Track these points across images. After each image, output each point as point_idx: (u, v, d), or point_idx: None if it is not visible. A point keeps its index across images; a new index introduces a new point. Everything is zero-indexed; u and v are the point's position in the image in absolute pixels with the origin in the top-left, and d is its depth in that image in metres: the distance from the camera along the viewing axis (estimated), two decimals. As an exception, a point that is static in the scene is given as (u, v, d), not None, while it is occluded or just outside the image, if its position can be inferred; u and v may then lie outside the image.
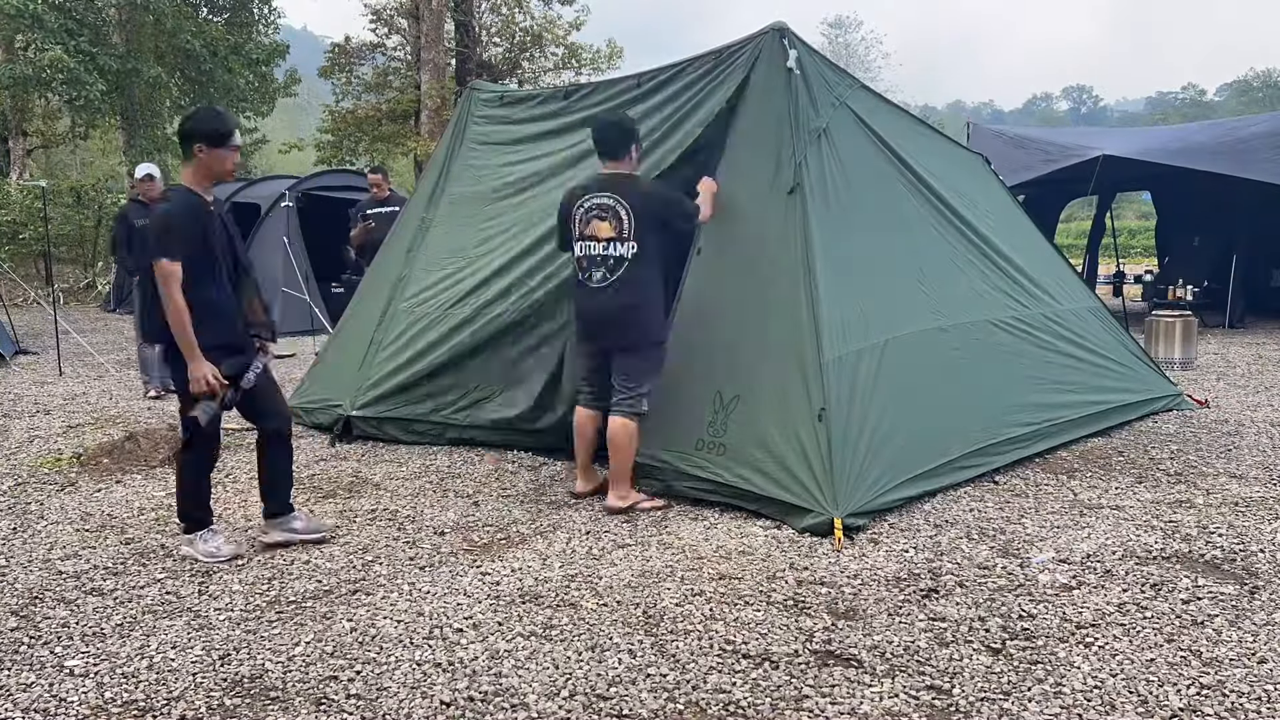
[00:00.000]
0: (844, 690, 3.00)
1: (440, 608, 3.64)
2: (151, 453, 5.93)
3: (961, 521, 4.60)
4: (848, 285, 5.08)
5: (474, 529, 4.60)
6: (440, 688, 3.03)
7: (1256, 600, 3.66)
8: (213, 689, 3.05)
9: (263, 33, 25.19)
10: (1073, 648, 3.27)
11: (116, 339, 12.81)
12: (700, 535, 4.45)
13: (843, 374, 4.77)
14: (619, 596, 3.73)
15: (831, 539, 4.27)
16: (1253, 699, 2.92)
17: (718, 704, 2.92)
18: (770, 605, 3.63)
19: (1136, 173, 14.62)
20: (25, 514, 4.91)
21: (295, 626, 3.50)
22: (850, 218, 5.32)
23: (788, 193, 5.06)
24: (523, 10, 24.10)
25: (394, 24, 24.28)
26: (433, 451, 6.12)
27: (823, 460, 4.51)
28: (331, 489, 5.32)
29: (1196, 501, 4.95)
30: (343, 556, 4.23)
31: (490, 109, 6.75)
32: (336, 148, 23.97)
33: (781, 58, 5.25)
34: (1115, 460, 5.78)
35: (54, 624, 3.55)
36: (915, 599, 3.69)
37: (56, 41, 18.67)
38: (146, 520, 4.78)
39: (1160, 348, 9.76)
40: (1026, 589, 3.78)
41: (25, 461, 6.04)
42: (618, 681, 3.07)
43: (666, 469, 5.01)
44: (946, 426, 5.23)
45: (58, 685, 3.09)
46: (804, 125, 5.20)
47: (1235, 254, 13.22)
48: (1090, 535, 4.40)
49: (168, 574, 4.04)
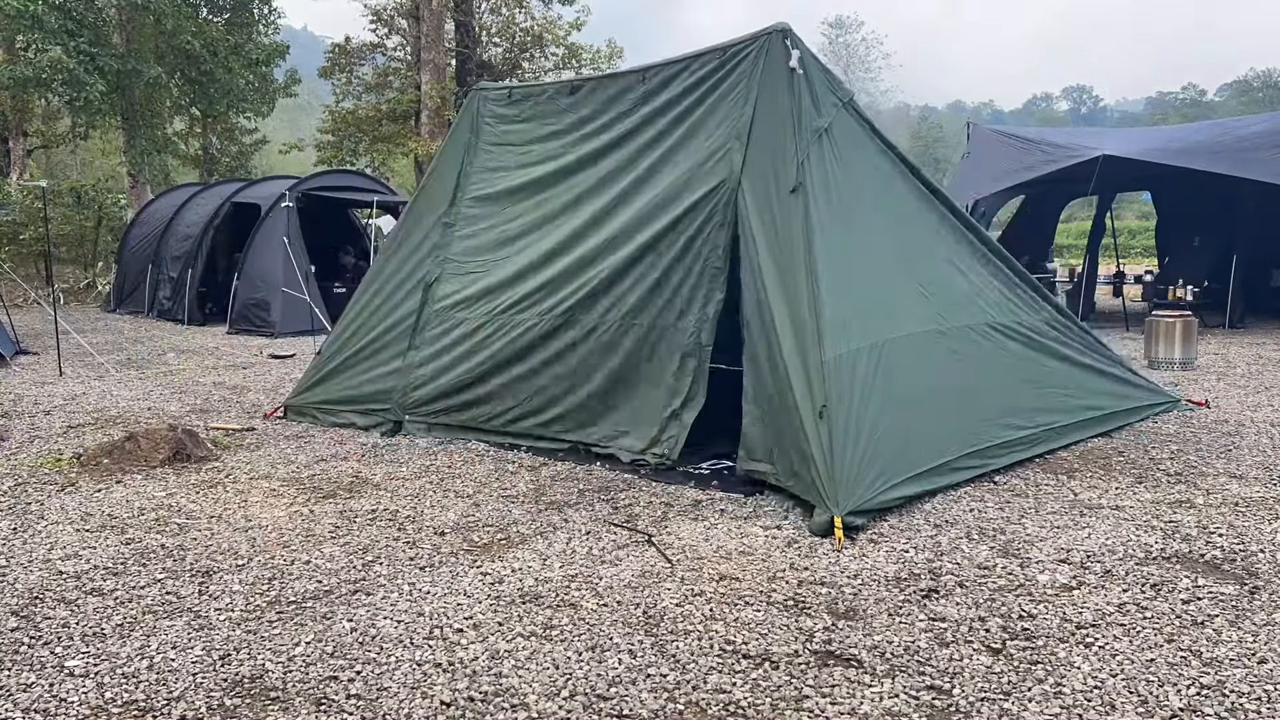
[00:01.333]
0: (844, 690, 3.00)
1: (440, 608, 3.64)
2: (151, 453, 5.93)
3: (961, 521, 4.61)
4: (849, 284, 5.12)
5: (474, 529, 4.60)
6: (440, 688, 3.03)
7: (1256, 600, 3.66)
8: (213, 689, 3.05)
9: (263, 33, 25.20)
10: (1073, 648, 3.27)
11: (116, 339, 12.81)
12: (700, 535, 4.45)
13: (842, 372, 4.80)
14: (619, 596, 3.73)
15: (832, 538, 4.28)
16: (1253, 699, 2.92)
17: (718, 704, 2.92)
18: (770, 605, 3.63)
19: (1136, 173, 14.61)
20: (25, 514, 4.92)
21: (295, 626, 3.50)
22: (852, 217, 5.37)
23: (790, 192, 5.11)
24: (523, 10, 24.12)
25: (394, 24, 24.30)
26: (433, 451, 6.12)
27: (824, 457, 4.53)
28: (331, 489, 5.32)
29: (1196, 501, 4.95)
30: (343, 556, 4.23)
31: (500, 108, 6.76)
32: (337, 148, 23.99)
33: (784, 58, 5.35)
34: (1115, 460, 5.78)
35: (54, 624, 3.55)
36: (915, 599, 3.69)
37: (56, 42, 18.67)
38: (146, 520, 4.78)
39: (1160, 348, 9.76)
40: (1026, 589, 3.78)
41: (25, 461, 6.04)
42: (618, 681, 3.07)
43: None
44: (945, 427, 5.24)
45: (58, 685, 3.09)
46: (806, 125, 5.27)
47: (1235, 254, 13.22)
48: (1090, 535, 4.41)
49: (168, 574, 4.04)
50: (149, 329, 14.14)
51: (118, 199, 21.95)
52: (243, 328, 13.59)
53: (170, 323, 14.76)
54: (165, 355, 11.30)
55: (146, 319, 15.40)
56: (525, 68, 24.47)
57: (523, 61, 24.36)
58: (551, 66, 24.76)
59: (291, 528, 4.64)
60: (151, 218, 17.15)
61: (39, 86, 19.54)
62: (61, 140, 26.55)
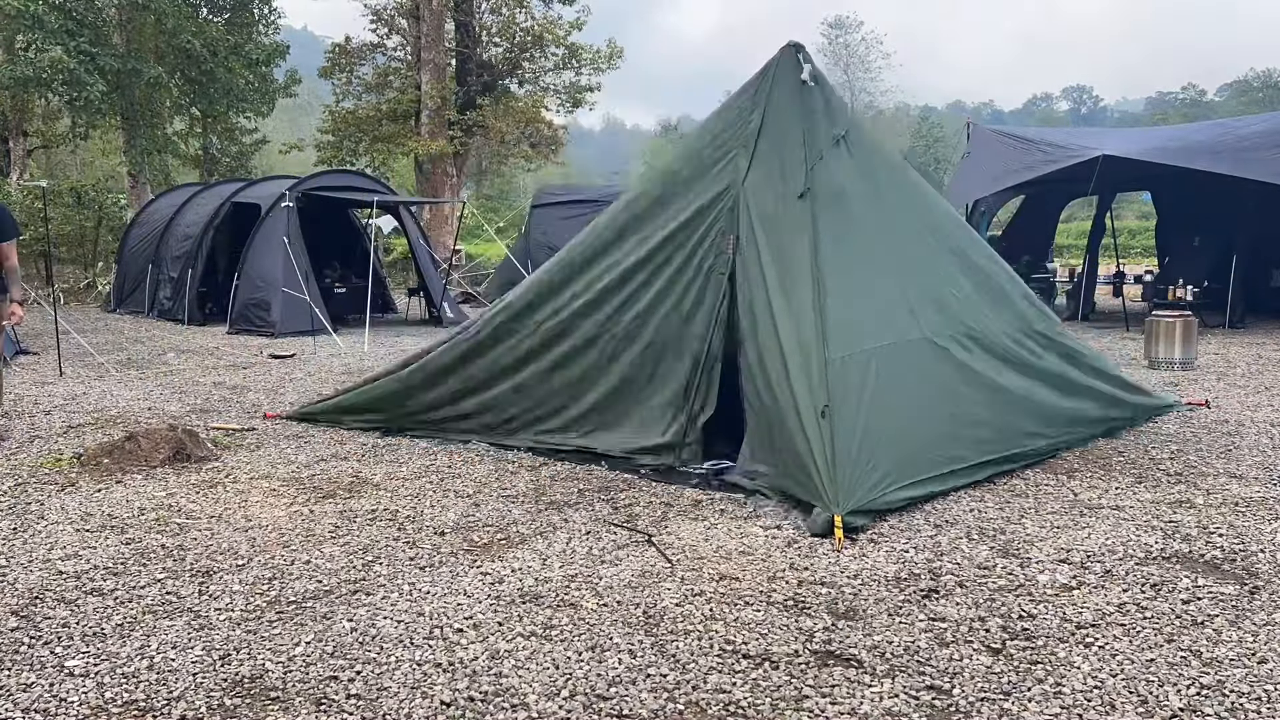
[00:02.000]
0: (844, 690, 3.00)
1: (440, 608, 3.64)
2: (151, 453, 5.93)
3: (961, 521, 4.61)
4: (854, 288, 5.19)
5: (474, 529, 4.60)
6: (440, 688, 3.03)
7: (1256, 600, 3.66)
8: (213, 689, 3.05)
9: (263, 33, 25.19)
10: (1073, 648, 3.27)
11: (116, 339, 12.82)
12: (700, 535, 4.45)
13: (847, 373, 4.82)
14: (619, 596, 3.74)
15: (832, 539, 4.28)
16: (1253, 699, 2.92)
17: (718, 704, 2.92)
18: (770, 605, 3.64)
19: (1136, 173, 14.61)
20: (25, 514, 4.91)
21: (295, 626, 3.50)
22: (860, 223, 5.50)
23: (798, 197, 5.25)
24: (523, 10, 24.11)
25: (394, 24, 24.30)
26: (433, 451, 6.12)
27: (825, 457, 4.55)
28: (331, 489, 5.32)
29: (1196, 501, 4.95)
30: (343, 556, 4.23)
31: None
32: (337, 148, 23.98)
33: (796, 71, 5.62)
34: (1115, 460, 5.78)
35: (54, 624, 3.55)
36: (915, 599, 3.69)
37: (57, 42, 18.68)
38: (146, 520, 4.78)
39: (1160, 348, 9.76)
40: (1026, 589, 3.78)
41: (25, 461, 6.04)
42: (618, 681, 3.07)
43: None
44: (947, 434, 5.23)
45: (58, 685, 3.09)
46: (821, 132, 5.48)
47: (1235, 254, 13.21)
48: (1090, 535, 4.41)
49: (168, 574, 4.04)
50: (149, 329, 14.14)
51: (118, 199, 21.95)
52: (243, 328, 13.58)
53: (170, 323, 14.76)
54: (165, 355, 11.30)
55: (146, 319, 15.40)
56: (525, 68, 24.46)
57: (523, 61, 24.36)
58: (551, 67, 24.76)
59: (292, 528, 4.64)
60: (151, 218, 17.14)
61: (39, 86, 19.55)
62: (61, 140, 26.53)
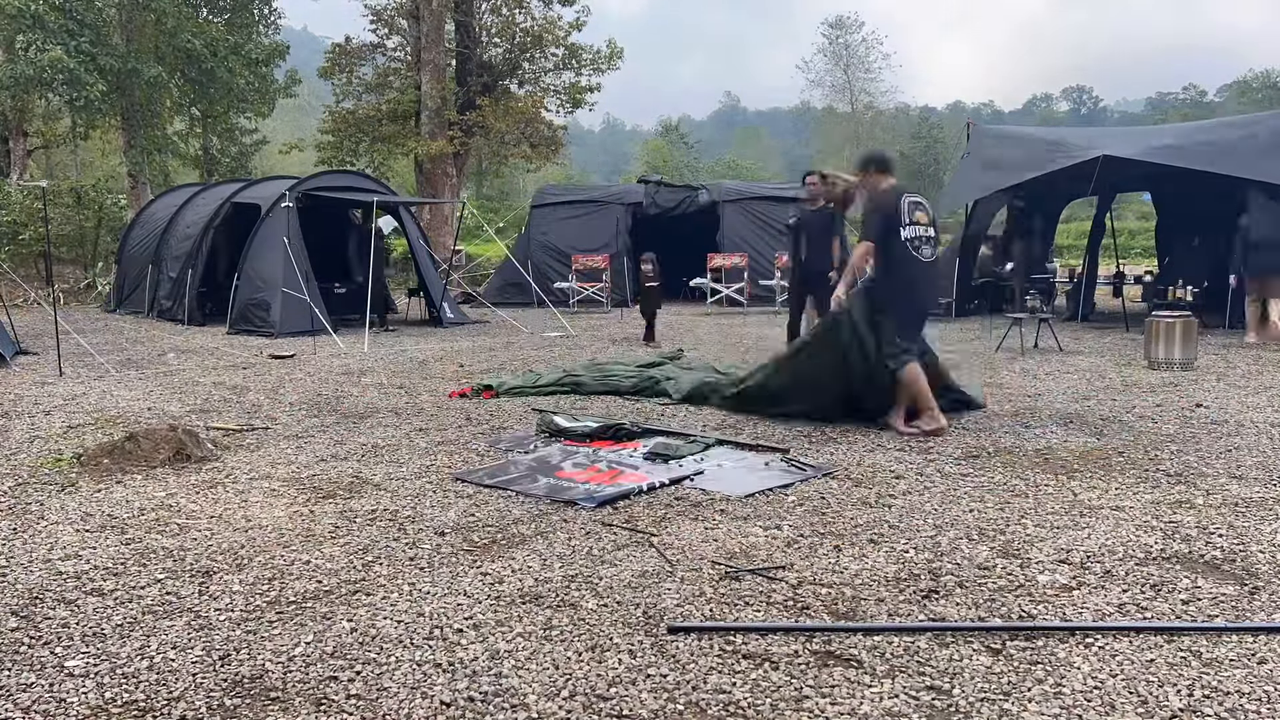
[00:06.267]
0: (844, 690, 3.00)
1: (440, 608, 3.64)
2: (152, 453, 5.92)
3: (961, 521, 4.61)
4: None
5: (474, 529, 4.60)
6: (440, 688, 3.03)
7: (1256, 600, 3.65)
8: (213, 689, 3.05)
9: (263, 33, 25.23)
10: (1073, 648, 3.27)
11: (116, 339, 12.81)
12: (700, 535, 4.45)
13: None
14: (619, 596, 3.73)
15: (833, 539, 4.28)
16: (1253, 699, 2.92)
17: (718, 704, 2.92)
18: (770, 605, 3.63)
19: (1136, 173, 14.61)
20: (25, 514, 4.91)
21: (295, 626, 3.50)
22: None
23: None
24: (523, 10, 24.12)
25: (394, 24, 24.31)
26: (432, 451, 6.12)
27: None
28: (331, 489, 5.32)
29: (1196, 501, 4.95)
30: (343, 556, 4.23)
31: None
32: (337, 148, 24.00)
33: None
34: (1115, 460, 5.78)
35: (54, 624, 3.55)
36: (915, 599, 3.69)
37: (57, 42, 18.69)
38: (146, 520, 4.78)
39: (1160, 348, 9.75)
40: (1026, 589, 3.78)
41: (25, 461, 6.04)
42: (618, 681, 3.06)
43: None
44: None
45: (58, 685, 3.08)
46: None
47: (1235, 254, 13.20)
48: (1090, 535, 4.41)
49: (168, 574, 4.04)
50: (149, 329, 14.14)
51: (118, 199, 21.96)
52: (243, 328, 13.59)
53: (170, 323, 14.77)
54: (165, 355, 11.30)
55: (146, 319, 15.40)
56: (525, 68, 24.47)
57: (523, 62, 24.36)
58: (551, 67, 24.76)
59: (292, 528, 4.64)
60: (151, 218, 17.16)
61: (39, 86, 19.56)
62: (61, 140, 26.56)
